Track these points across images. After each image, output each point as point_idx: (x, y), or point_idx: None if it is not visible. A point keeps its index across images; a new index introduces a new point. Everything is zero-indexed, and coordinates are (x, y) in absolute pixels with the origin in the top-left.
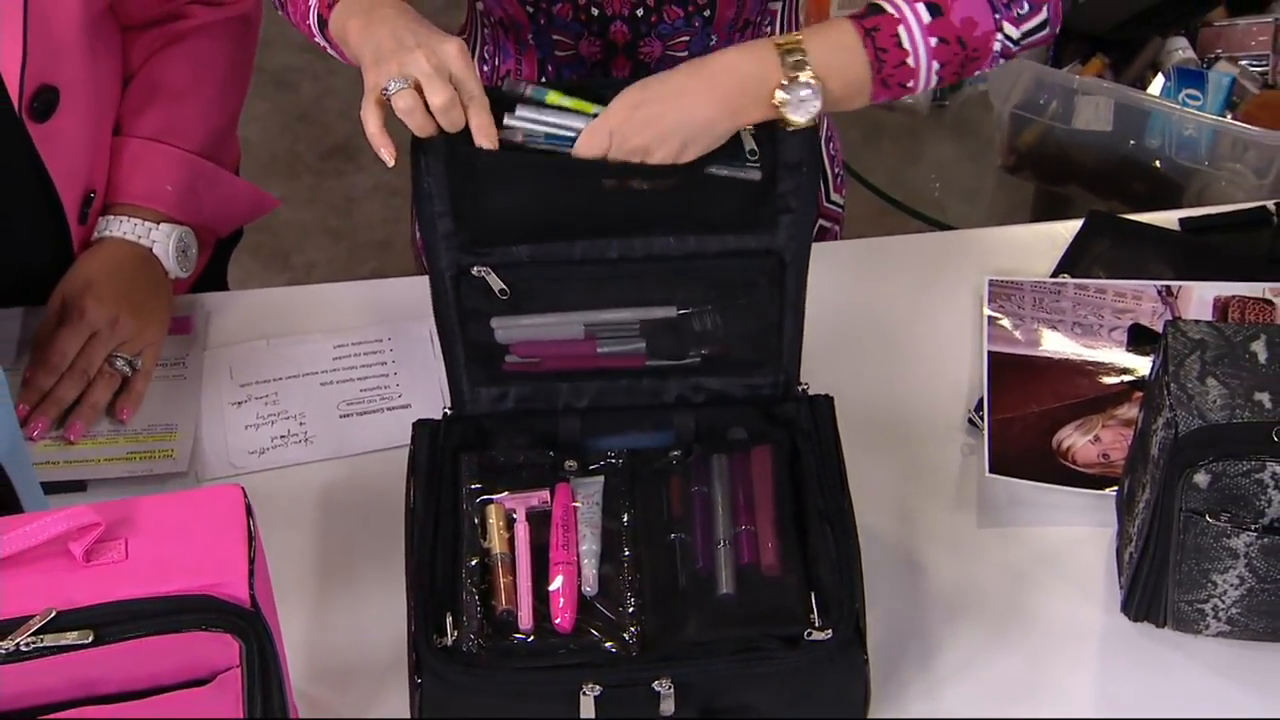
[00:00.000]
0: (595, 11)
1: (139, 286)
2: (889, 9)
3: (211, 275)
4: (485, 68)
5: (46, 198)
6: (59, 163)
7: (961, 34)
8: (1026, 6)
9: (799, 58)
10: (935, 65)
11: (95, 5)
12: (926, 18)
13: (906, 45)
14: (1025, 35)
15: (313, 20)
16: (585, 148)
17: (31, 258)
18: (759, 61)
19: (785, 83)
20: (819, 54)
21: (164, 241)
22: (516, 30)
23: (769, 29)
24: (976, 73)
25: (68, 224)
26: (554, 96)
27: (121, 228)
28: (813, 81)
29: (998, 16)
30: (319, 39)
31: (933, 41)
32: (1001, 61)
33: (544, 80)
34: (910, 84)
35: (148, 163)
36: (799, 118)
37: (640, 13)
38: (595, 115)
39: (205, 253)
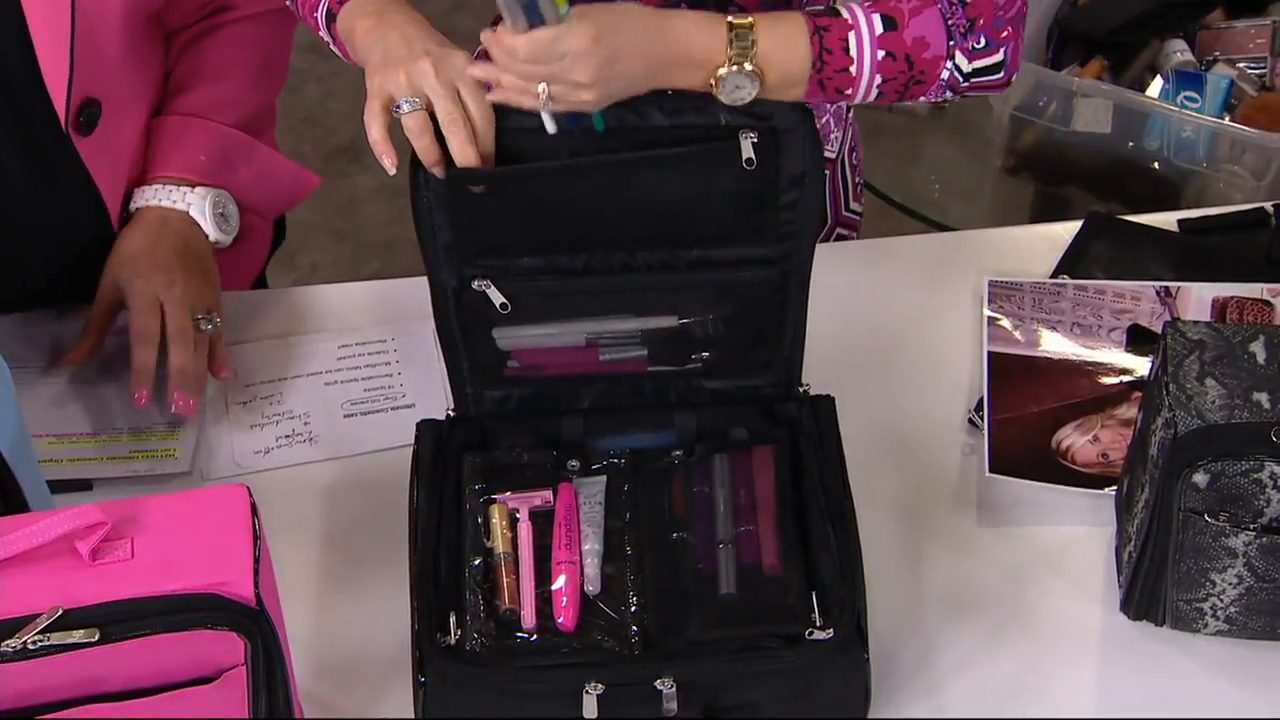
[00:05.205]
0: None
1: (184, 249)
2: (844, 14)
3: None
4: None
5: (93, 204)
6: (104, 171)
7: (910, 52)
8: (984, 41)
9: (745, 45)
10: (878, 79)
11: (139, 15)
12: (879, 29)
13: (853, 52)
14: (977, 73)
15: (321, 14)
16: (534, 50)
17: (74, 263)
18: (711, 37)
19: (728, 68)
20: (766, 43)
21: (199, 203)
22: None
23: None
24: (920, 99)
25: (112, 228)
26: None
27: (156, 195)
28: (753, 72)
29: (952, 44)
30: (324, 33)
31: (880, 54)
32: (949, 95)
33: None
34: (849, 91)
35: (184, 139)
36: (726, 100)
37: None
38: (565, 14)
39: (263, 244)
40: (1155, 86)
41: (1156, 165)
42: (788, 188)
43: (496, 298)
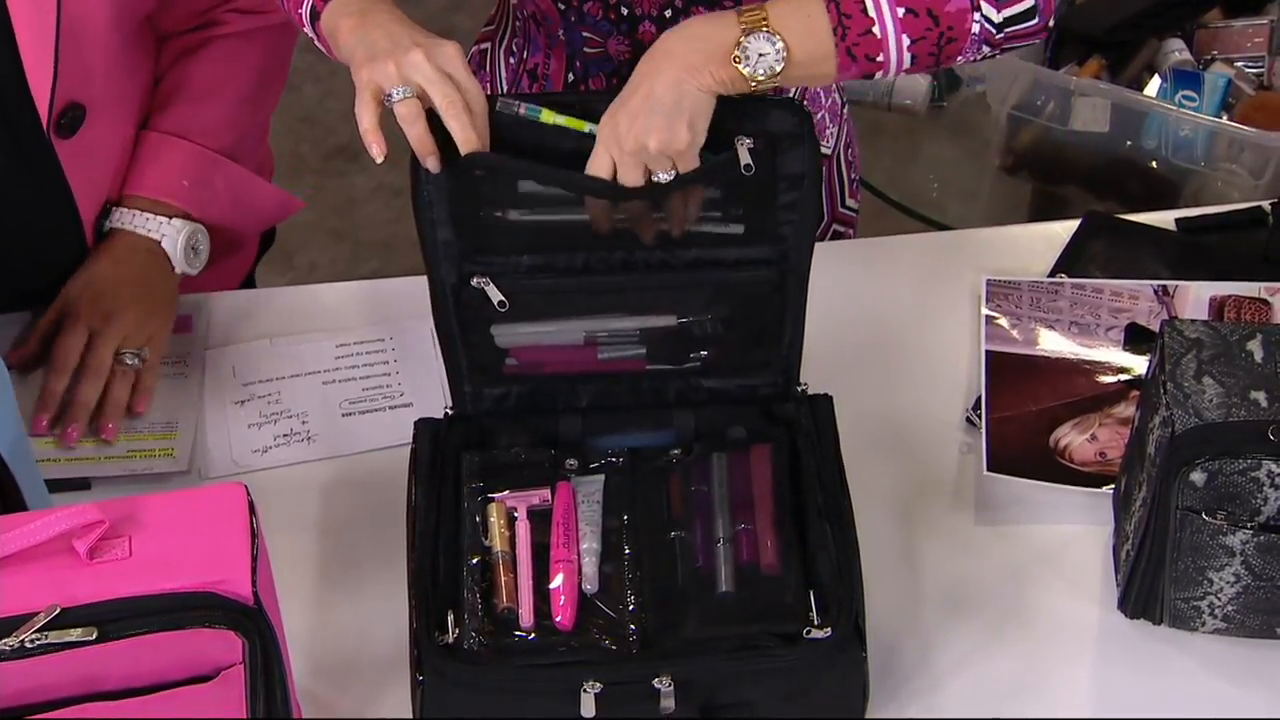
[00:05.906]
0: (625, 10)
1: (140, 281)
2: None
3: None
4: (512, 60)
5: (68, 209)
6: (81, 177)
7: (932, 7)
8: None
9: (756, 15)
10: (906, 40)
11: (129, 21)
12: None
13: (871, 13)
14: (1009, 21)
15: (305, 10)
16: (602, 167)
17: (47, 265)
18: (716, 22)
19: (742, 39)
20: (779, 16)
21: (174, 236)
22: (547, 25)
23: None
24: (960, 59)
25: (85, 234)
26: (548, 115)
27: (133, 221)
28: (772, 36)
29: None
30: (308, 30)
31: (900, 11)
32: (987, 50)
33: (542, 92)
34: (880, 58)
35: (164, 156)
36: (758, 73)
37: (669, 14)
38: (589, 132)
39: (250, 253)
40: (1153, 85)
41: (1154, 164)
42: (786, 188)
43: (495, 295)
